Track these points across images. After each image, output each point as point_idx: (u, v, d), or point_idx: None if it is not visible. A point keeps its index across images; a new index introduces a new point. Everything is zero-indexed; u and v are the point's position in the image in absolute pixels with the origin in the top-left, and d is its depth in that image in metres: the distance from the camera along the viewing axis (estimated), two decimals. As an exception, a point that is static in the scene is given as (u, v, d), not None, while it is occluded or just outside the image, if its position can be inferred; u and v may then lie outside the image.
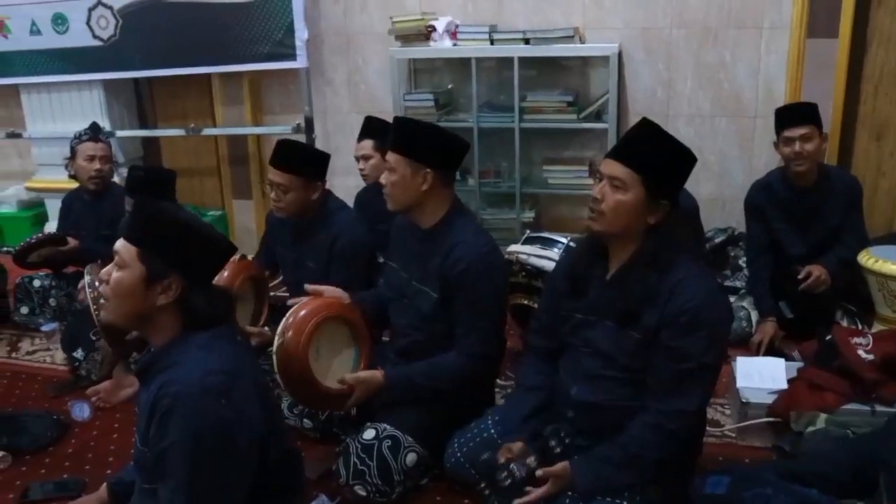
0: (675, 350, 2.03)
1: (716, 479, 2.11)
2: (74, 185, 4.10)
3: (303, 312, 2.40)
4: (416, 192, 2.50)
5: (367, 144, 3.78)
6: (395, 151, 2.51)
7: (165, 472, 1.69)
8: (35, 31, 4.98)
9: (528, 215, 4.49)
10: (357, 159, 3.83)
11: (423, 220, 2.57)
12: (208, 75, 4.93)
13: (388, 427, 2.43)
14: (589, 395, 2.20)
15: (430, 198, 2.53)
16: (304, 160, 3.06)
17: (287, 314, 2.41)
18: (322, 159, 3.16)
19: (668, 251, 2.09)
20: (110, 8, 4.75)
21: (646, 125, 2.12)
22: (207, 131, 4.97)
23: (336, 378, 2.43)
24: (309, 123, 4.52)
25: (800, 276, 3.42)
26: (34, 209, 5.65)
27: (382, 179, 2.56)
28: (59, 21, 4.90)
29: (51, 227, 5.38)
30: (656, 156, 2.06)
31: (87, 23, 4.83)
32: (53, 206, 5.40)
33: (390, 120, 4.10)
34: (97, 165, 4.06)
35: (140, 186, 3.48)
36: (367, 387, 2.44)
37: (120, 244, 1.80)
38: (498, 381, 3.02)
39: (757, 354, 3.27)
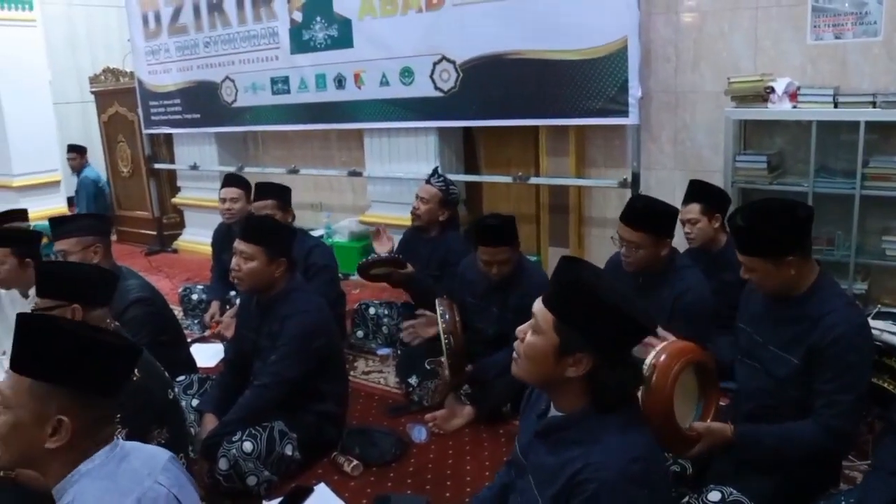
0: None
1: None
2: (401, 221, 4.46)
3: (665, 355, 2.39)
4: (786, 280, 2.44)
5: (695, 208, 3.76)
6: (751, 255, 2.44)
7: None
8: (384, 82, 5.52)
9: (861, 286, 4.23)
10: (682, 223, 3.76)
11: (789, 290, 2.52)
12: (535, 126, 5.17)
13: (734, 491, 2.36)
14: (973, 493, 2.04)
15: (797, 276, 2.45)
16: (656, 218, 3.11)
17: (650, 355, 2.44)
18: (672, 216, 3.19)
19: None
20: (453, 63, 5.14)
21: None
22: (534, 180, 5.19)
23: (683, 422, 2.43)
24: (635, 179, 4.59)
25: None
26: (363, 241, 6.19)
27: (745, 275, 2.53)
28: (407, 74, 5.38)
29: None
30: None
31: (431, 76, 5.26)
32: (381, 239, 5.93)
33: (717, 180, 4.15)
34: (415, 203, 4.41)
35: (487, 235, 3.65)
36: (714, 439, 2.39)
37: (538, 308, 1.82)
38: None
39: None
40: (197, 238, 7.56)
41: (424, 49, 5.24)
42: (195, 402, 3.45)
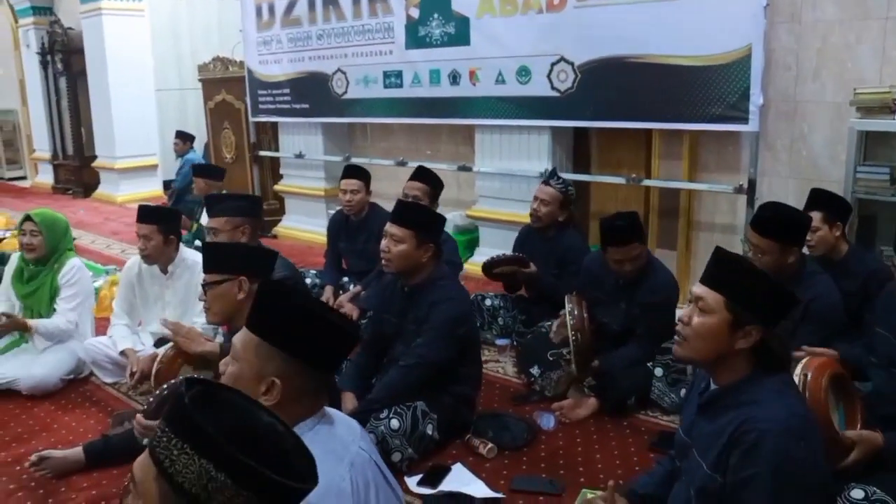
0: None
1: None
2: (508, 216, 4.53)
3: (811, 370, 2.46)
4: None
5: (816, 216, 3.76)
6: None
7: (742, 498, 1.89)
8: (500, 80, 5.63)
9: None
10: None
11: None
12: (648, 129, 5.24)
13: (877, 490, 2.39)
14: None
15: None
16: (782, 227, 3.16)
17: (796, 371, 2.50)
18: (800, 226, 3.24)
19: None
20: (571, 64, 5.23)
21: None
22: (647, 182, 5.25)
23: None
24: (752, 185, 4.63)
25: None
26: (467, 234, 6.37)
27: None
28: (523, 73, 5.49)
29: (481, 252, 6.03)
30: None
31: (548, 76, 5.36)
32: (486, 233, 6.08)
33: (834, 190, 4.17)
34: (535, 206, 4.50)
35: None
36: (868, 446, 2.43)
37: (705, 291, 2.02)
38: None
39: None
40: (297, 224, 7.81)
41: (543, 49, 5.34)
42: (333, 380, 3.63)
